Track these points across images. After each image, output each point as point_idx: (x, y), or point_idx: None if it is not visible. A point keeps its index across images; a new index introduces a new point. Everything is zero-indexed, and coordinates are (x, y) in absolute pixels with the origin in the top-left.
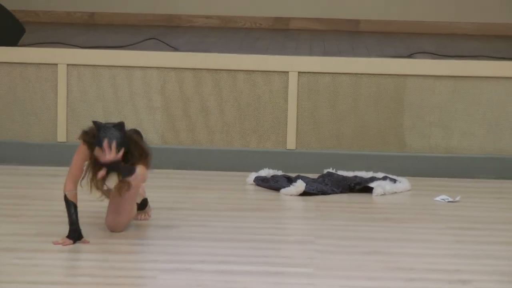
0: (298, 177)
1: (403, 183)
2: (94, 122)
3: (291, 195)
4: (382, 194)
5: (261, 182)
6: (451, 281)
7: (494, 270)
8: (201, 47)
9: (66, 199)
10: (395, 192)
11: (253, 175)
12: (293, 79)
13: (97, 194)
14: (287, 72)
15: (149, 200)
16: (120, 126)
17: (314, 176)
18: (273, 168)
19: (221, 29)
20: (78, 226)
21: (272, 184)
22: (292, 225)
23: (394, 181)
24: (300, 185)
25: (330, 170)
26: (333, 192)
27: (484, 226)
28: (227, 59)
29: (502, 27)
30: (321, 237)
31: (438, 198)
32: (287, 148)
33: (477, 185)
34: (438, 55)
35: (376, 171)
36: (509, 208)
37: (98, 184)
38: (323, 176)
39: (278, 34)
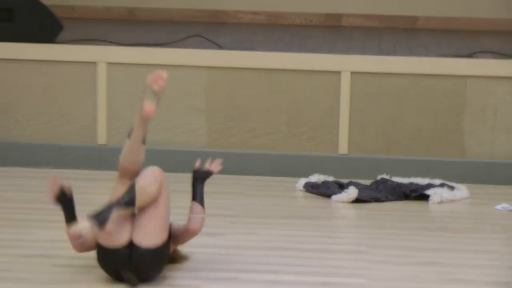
0: (350, 184)
1: (462, 190)
2: None
3: (342, 202)
4: (439, 202)
5: (311, 188)
6: None
7: None
8: (247, 45)
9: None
10: (453, 200)
11: (302, 181)
12: (345, 80)
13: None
14: (339, 72)
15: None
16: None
17: (367, 182)
18: (323, 174)
19: (269, 26)
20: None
21: (322, 191)
22: (344, 233)
23: (452, 188)
24: (352, 192)
25: (384, 176)
26: (387, 200)
27: None
28: (275, 58)
29: None
30: (374, 247)
31: (499, 207)
32: (339, 153)
33: None
34: (501, 54)
35: (432, 178)
36: None
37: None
38: (376, 183)
39: (330, 31)
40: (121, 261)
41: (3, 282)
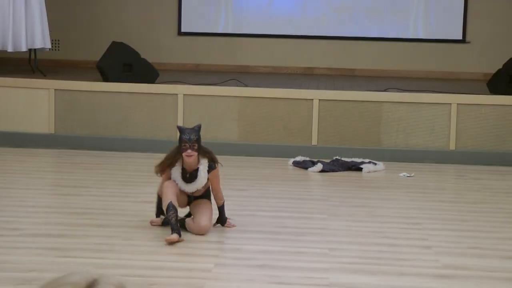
0: (318, 161)
1: (380, 165)
2: (178, 127)
3: (314, 172)
4: (368, 172)
5: (297, 164)
6: (408, 223)
7: (434, 217)
8: (262, 85)
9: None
10: (376, 171)
11: (291, 160)
12: (316, 106)
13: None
14: (312, 99)
15: (235, 174)
16: (198, 126)
17: (328, 160)
18: (303, 156)
19: (273, 74)
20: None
21: (303, 165)
22: (315, 189)
23: (375, 164)
24: (319, 166)
25: (337, 157)
26: (339, 171)
27: (428, 191)
28: (275, 92)
29: (438, 73)
30: (333, 196)
31: (401, 175)
32: (312, 144)
33: (423, 167)
34: (403, 90)
35: (364, 158)
36: (443, 181)
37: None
38: (333, 161)
39: (306, 77)
40: None
41: None
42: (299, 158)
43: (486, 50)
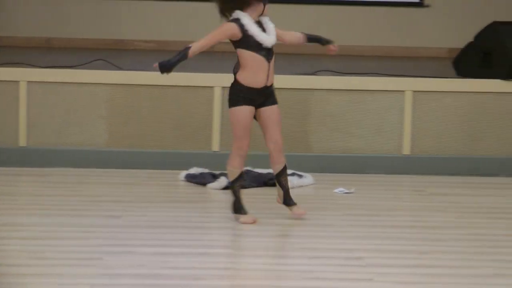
0: (221, 174)
1: (308, 178)
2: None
3: (215, 189)
4: (291, 188)
5: (191, 178)
6: (347, 258)
7: (383, 248)
8: (140, 67)
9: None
10: (302, 186)
11: (184, 173)
12: (217, 93)
13: None
14: (213, 87)
15: (104, 194)
16: None
17: None
18: (201, 167)
19: (159, 52)
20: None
21: (200, 180)
22: (217, 213)
23: (301, 176)
24: (223, 181)
25: (249, 168)
26: (251, 186)
27: (374, 213)
28: (165, 77)
29: (389, 50)
30: (241, 224)
31: (336, 190)
32: (212, 150)
33: (368, 179)
34: (337, 72)
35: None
36: (394, 198)
37: None
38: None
39: (206, 55)
40: None
41: None
42: (194, 171)
43: (452, 17)
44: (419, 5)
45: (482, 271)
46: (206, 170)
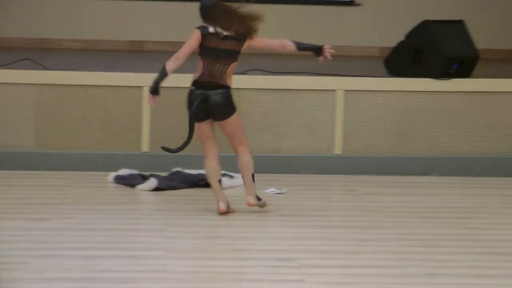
0: (151, 175)
1: (239, 178)
2: None
3: (145, 190)
4: (223, 189)
5: (120, 179)
6: (278, 259)
7: (315, 249)
8: (68, 66)
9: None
10: (232, 186)
11: (113, 174)
12: (146, 93)
13: None
14: (142, 87)
15: (31, 197)
16: None
17: (165, 174)
18: (130, 168)
19: (85, 51)
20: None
21: (129, 182)
22: (146, 215)
23: (232, 177)
24: (152, 182)
25: (179, 169)
26: (181, 187)
27: (306, 213)
28: (91, 77)
29: None
30: (171, 225)
31: (268, 191)
32: (142, 151)
33: (299, 179)
34: (268, 71)
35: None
36: (327, 198)
37: None
38: (172, 174)
39: (134, 55)
40: None
41: None
42: (123, 172)
43: (383, 16)
44: (350, 4)
45: (414, 270)
46: (135, 171)
